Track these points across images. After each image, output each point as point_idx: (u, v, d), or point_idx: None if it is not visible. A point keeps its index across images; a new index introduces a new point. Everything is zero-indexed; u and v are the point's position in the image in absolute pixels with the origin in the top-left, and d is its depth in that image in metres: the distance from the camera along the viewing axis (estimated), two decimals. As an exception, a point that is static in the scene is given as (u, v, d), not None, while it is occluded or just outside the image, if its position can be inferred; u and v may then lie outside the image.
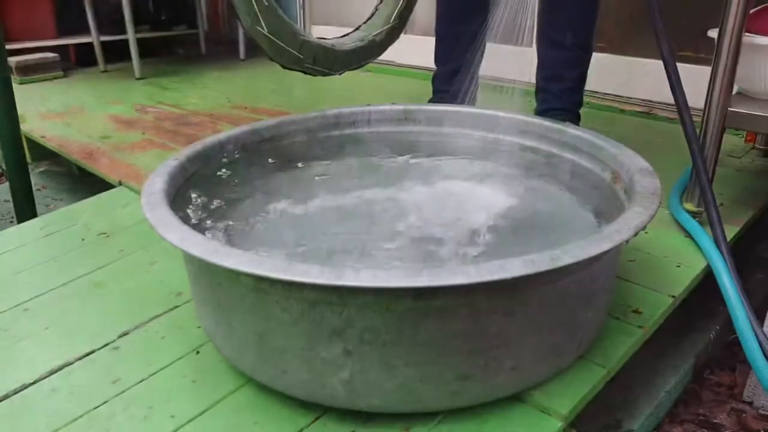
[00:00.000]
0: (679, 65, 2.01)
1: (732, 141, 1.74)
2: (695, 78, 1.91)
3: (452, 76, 1.71)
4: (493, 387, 0.76)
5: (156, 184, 0.90)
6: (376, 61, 3.16)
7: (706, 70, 1.17)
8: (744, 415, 1.11)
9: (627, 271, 1.09)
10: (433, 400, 0.75)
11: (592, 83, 1.67)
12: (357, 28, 1.44)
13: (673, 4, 2.03)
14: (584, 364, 0.86)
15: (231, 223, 1.07)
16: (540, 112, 1.59)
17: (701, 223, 1.17)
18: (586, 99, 1.63)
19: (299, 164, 1.26)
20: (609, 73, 2.17)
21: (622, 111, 2.09)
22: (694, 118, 1.14)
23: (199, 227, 0.89)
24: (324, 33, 3.46)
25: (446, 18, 1.69)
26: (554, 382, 0.81)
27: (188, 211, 0.99)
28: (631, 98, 2.15)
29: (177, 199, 0.95)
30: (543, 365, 0.78)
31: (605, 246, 0.69)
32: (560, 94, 1.56)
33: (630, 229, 0.73)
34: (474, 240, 1.00)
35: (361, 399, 0.75)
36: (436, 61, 1.75)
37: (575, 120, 1.59)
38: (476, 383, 0.74)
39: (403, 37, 2.89)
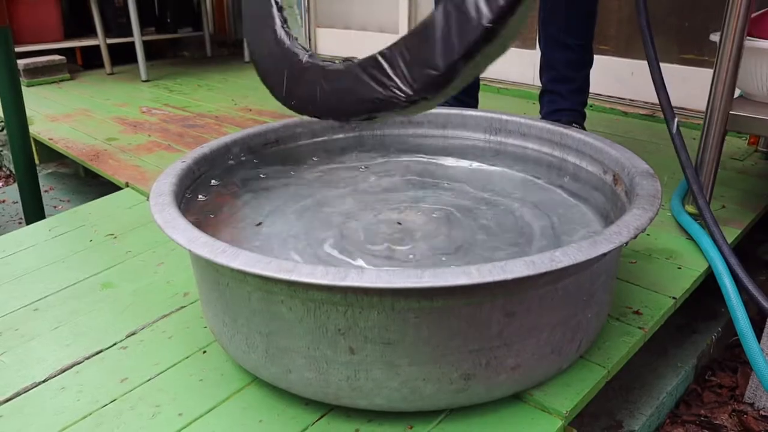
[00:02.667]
0: (684, 68, 2.02)
1: (735, 143, 1.75)
2: (699, 80, 1.93)
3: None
4: (495, 386, 0.77)
5: (164, 186, 0.91)
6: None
7: (710, 73, 1.17)
8: (745, 416, 1.11)
9: (628, 273, 1.10)
10: (436, 399, 0.76)
11: (595, 86, 1.68)
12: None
13: (678, 6, 2.04)
14: (584, 364, 0.87)
15: (237, 224, 1.09)
16: (548, 113, 1.60)
17: (703, 226, 1.18)
18: (589, 101, 1.64)
19: (305, 166, 1.27)
20: (612, 75, 2.18)
21: (625, 113, 2.10)
22: (698, 121, 1.14)
23: (205, 228, 0.91)
24: (328, 35, 3.49)
25: None
26: (554, 382, 0.83)
27: (195, 212, 1.00)
28: (634, 101, 2.16)
29: (184, 200, 0.97)
30: (543, 365, 0.79)
31: (605, 248, 0.70)
32: (568, 95, 1.57)
33: (629, 231, 0.74)
34: (470, 239, 1.01)
35: (365, 398, 0.76)
36: None
37: (581, 118, 1.60)
38: (478, 382, 0.75)
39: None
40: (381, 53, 0.79)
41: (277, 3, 0.98)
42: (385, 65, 0.78)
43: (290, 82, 0.93)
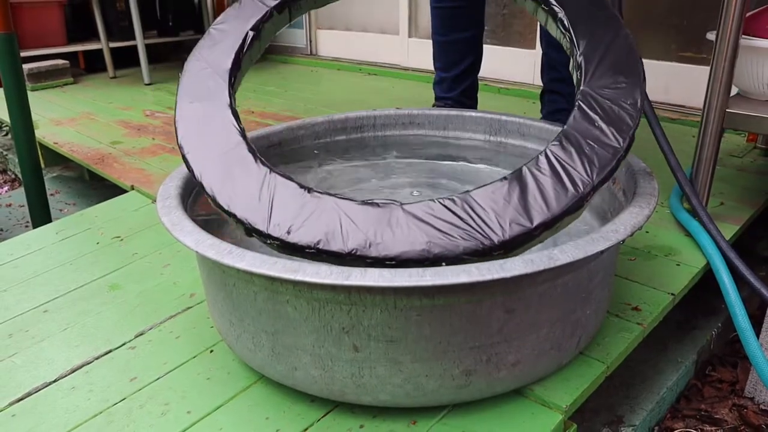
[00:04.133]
0: (684, 66, 2.03)
1: (734, 140, 1.76)
2: (698, 78, 1.94)
3: (452, 82, 1.74)
4: (496, 382, 0.79)
5: (170, 189, 0.93)
6: (381, 64, 3.18)
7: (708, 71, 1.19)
8: (745, 410, 1.13)
9: (627, 270, 1.11)
10: (438, 394, 0.78)
11: (594, 85, 1.69)
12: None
13: (677, 5, 2.06)
14: (584, 360, 0.88)
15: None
16: (549, 113, 1.62)
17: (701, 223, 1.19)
18: (588, 101, 1.65)
19: (308, 167, 1.29)
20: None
21: (625, 112, 2.11)
22: (697, 119, 1.15)
23: (211, 230, 0.93)
24: (328, 37, 3.50)
25: (440, 27, 1.71)
26: (554, 378, 0.84)
27: (201, 214, 1.02)
28: (633, 99, 2.17)
29: (190, 202, 0.98)
30: (543, 361, 0.81)
31: (602, 246, 0.72)
32: (569, 95, 1.58)
33: (626, 228, 0.75)
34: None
35: (369, 394, 0.78)
36: (436, 68, 1.78)
37: None
38: (479, 378, 0.77)
39: (408, 41, 2.93)
40: (450, 199, 0.76)
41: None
42: (462, 211, 0.75)
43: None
